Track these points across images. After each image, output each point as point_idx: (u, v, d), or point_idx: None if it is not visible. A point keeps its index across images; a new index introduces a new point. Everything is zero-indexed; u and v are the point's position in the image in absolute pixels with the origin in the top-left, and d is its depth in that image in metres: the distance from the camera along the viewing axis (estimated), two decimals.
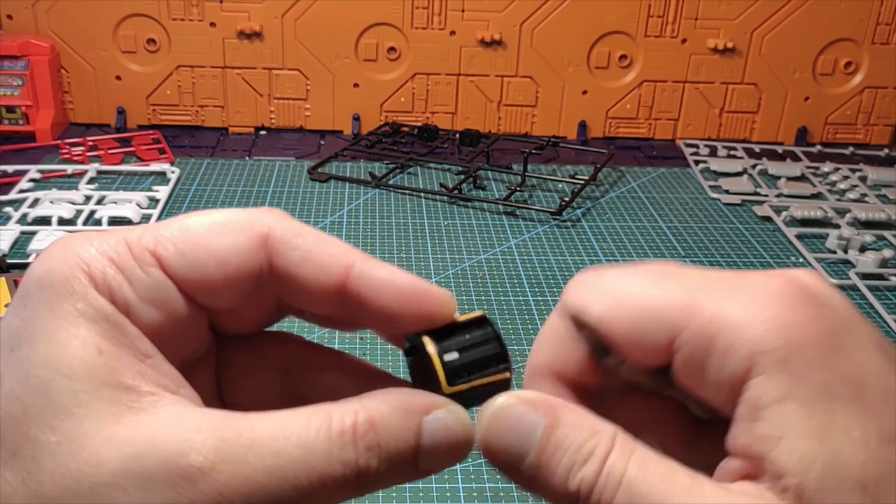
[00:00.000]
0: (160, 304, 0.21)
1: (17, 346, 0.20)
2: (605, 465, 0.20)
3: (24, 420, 0.19)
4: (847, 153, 1.10)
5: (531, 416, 0.21)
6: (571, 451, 0.20)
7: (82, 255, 0.21)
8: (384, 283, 0.22)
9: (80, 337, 0.20)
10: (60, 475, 0.18)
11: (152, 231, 0.22)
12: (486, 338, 0.23)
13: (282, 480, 0.19)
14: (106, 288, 0.20)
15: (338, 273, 0.22)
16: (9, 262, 0.71)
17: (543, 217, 0.86)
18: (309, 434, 0.20)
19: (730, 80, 1.09)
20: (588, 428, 0.21)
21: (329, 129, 1.09)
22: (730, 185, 0.95)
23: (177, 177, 0.91)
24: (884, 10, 1.06)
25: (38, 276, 0.20)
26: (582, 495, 0.20)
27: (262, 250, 0.22)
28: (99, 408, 0.19)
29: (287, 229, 0.22)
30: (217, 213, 0.22)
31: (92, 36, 1.02)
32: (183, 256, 0.21)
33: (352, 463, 0.20)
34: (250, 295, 0.23)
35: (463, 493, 0.50)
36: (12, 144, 0.98)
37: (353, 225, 0.83)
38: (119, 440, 0.19)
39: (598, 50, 1.07)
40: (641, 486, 0.19)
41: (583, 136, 1.10)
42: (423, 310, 0.22)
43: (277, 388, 0.26)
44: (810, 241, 0.84)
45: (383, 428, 0.20)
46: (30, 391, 0.19)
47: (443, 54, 1.06)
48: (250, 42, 1.04)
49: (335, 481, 0.19)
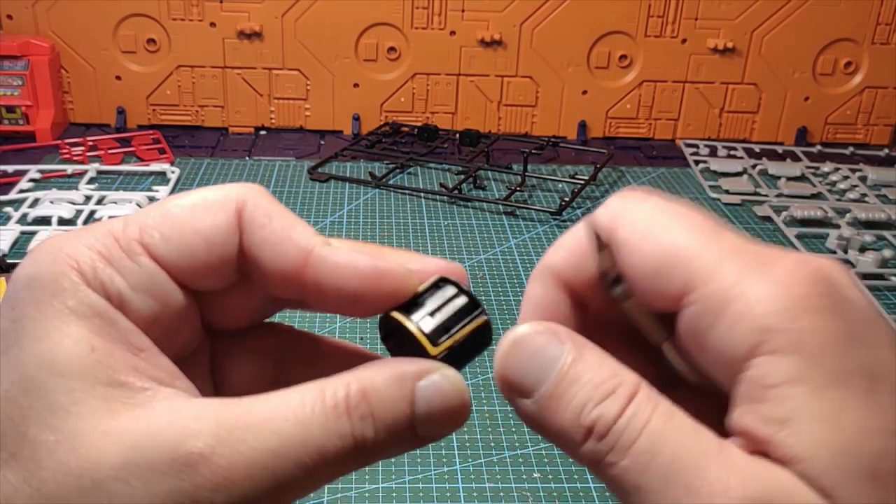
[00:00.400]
0: (153, 294, 0.21)
1: (8, 348, 0.20)
2: (628, 406, 0.19)
3: (21, 421, 0.19)
4: (847, 153, 1.10)
5: (554, 347, 0.20)
6: (590, 388, 0.20)
7: (70, 252, 0.20)
8: (345, 268, 0.22)
9: (71, 335, 0.19)
10: (62, 473, 0.18)
11: (135, 220, 0.22)
12: (452, 294, 0.23)
13: (283, 459, 0.19)
14: (98, 282, 0.20)
15: (296, 258, 0.22)
16: (9, 262, 0.71)
17: (543, 217, 0.86)
18: (304, 411, 0.20)
19: (730, 80, 1.09)
20: (610, 370, 0.20)
21: (329, 129, 1.09)
22: (730, 185, 0.95)
23: (177, 177, 0.91)
24: (884, 10, 1.06)
25: (25, 276, 0.20)
26: (596, 433, 0.19)
27: (236, 222, 0.22)
28: (94, 405, 0.19)
29: (257, 207, 0.22)
30: (195, 194, 0.22)
31: (92, 36, 1.02)
32: (170, 242, 0.21)
33: (348, 435, 0.20)
34: (235, 272, 0.23)
35: (463, 493, 0.50)
36: (12, 144, 0.98)
37: (353, 225, 0.83)
38: (117, 434, 0.19)
39: (598, 50, 1.07)
40: (670, 436, 0.18)
41: (583, 136, 1.10)
42: (384, 290, 0.22)
43: (271, 379, 0.26)
44: (810, 241, 0.84)
45: (375, 397, 0.20)
46: (25, 392, 0.19)
47: (443, 54, 1.06)
48: (250, 42, 1.04)
49: (335, 455, 0.20)
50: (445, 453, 0.53)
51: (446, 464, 0.52)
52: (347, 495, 0.49)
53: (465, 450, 0.53)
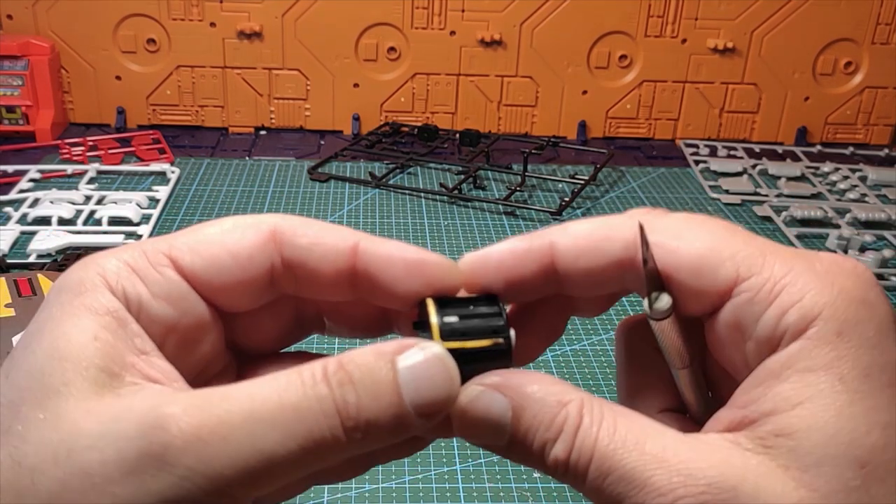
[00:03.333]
0: (173, 301, 0.22)
1: (29, 344, 0.20)
2: (574, 440, 0.20)
3: (19, 403, 0.20)
4: (847, 153, 1.10)
5: (498, 403, 0.21)
6: (542, 430, 0.21)
7: (100, 262, 0.22)
8: (392, 255, 0.23)
9: (79, 326, 0.20)
10: (43, 446, 0.19)
11: (167, 238, 0.23)
12: (490, 312, 0.23)
13: (259, 423, 0.19)
14: (119, 288, 0.21)
15: (346, 251, 0.23)
16: (9, 262, 0.71)
17: (543, 217, 0.86)
18: (280, 381, 0.20)
19: (730, 80, 1.09)
20: (555, 401, 0.21)
21: (329, 129, 1.09)
22: (730, 185, 0.95)
23: (177, 177, 0.91)
24: (884, 10, 1.06)
25: (58, 283, 0.22)
26: (559, 470, 0.21)
27: (272, 244, 0.23)
28: (83, 386, 0.19)
29: (292, 222, 0.23)
30: (226, 219, 0.24)
31: (92, 36, 1.02)
32: (197, 255, 0.22)
33: (327, 398, 0.19)
34: (265, 292, 0.23)
35: (463, 493, 0.50)
36: (12, 144, 0.98)
37: (353, 225, 0.83)
38: (98, 412, 0.19)
39: (598, 50, 1.07)
40: (612, 458, 0.20)
41: (583, 136, 1.10)
42: (429, 275, 0.23)
43: None
44: (810, 241, 0.84)
45: (353, 365, 0.20)
46: (27, 376, 0.20)
47: (443, 54, 1.06)
48: (250, 42, 1.04)
49: (315, 420, 0.19)
50: (445, 453, 0.53)
51: (446, 464, 0.52)
52: (347, 495, 0.49)
53: (465, 450, 0.53)
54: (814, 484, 0.19)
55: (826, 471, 0.19)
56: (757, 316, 0.21)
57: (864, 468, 0.19)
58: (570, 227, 0.24)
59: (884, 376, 0.20)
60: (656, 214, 0.23)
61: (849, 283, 0.20)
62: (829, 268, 0.21)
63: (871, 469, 0.19)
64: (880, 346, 0.20)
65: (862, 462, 0.19)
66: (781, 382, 0.20)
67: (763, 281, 0.21)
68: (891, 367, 0.20)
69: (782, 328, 0.20)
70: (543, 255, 0.23)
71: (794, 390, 0.20)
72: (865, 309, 0.20)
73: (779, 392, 0.20)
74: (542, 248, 0.24)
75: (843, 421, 0.19)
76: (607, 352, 0.63)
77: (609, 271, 0.23)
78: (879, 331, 0.20)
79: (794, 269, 0.21)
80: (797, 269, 0.21)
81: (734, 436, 0.20)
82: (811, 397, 0.19)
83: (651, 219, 0.23)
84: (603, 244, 0.23)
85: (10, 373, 0.20)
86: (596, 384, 0.60)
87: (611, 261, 0.23)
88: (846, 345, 0.20)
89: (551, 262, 0.23)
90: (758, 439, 0.20)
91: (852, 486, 0.19)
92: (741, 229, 0.22)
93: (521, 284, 0.24)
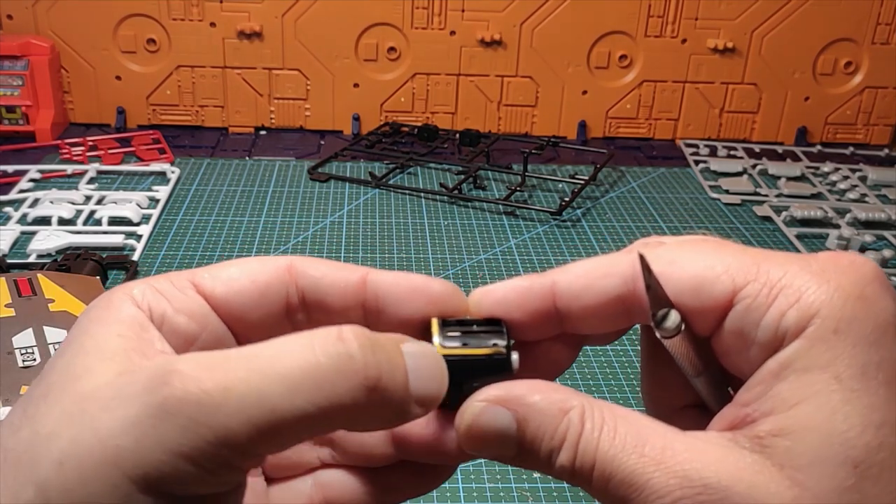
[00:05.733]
0: (195, 317, 0.23)
1: (60, 352, 0.22)
2: (578, 447, 0.21)
3: (47, 393, 0.20)
4: (847, 153, 1.10)
5: (502, 417, 0.22)
6: (547, 440, 0.21)
7: (127, 286, 0.23)
8: (398, 280, 0.24)
9: (104, 328, 0.22)
10: (61, 414, 0.20)
11: (191, 270, 0.24)
12: (494, 329, 0.23)
13: (261, 375, 0.19)
14: (145, 304, 0.23)
15: (355, 281, 0.24)
16: (9, 262, 0.71)
17: (543, 217, 0.86)
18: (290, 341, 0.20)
19: (730, 80, 1.09)
20: (557, 409, 0.21)
21: (329, 129, 1.09)
22: (730, 185, 0.95)
23: (177, 177, 0.91)
24: (884, 10, 1.06)
25: (86, 308, 0.23)
26: (567, 476, 0.21)
27: (288, 274, 0.24)
28: (104, 368, 0.20)
29: (307, 259, 0.25)
30: (246, 258, 0.25)
31: (92, 36, 1.02)
32: (219, 280, 0.24)
33: (344, 354, 0.20)
34: (281, 323, 0.24)
35: (463, 493, 0.50)
36: (12, 144, 0.98)
37: (353, 225, 0.83)
38: (115, 383, 0.20)
39: (598, 50, 1.07)
40: (613, 462, 0.20)
41: (583, 136, 1.10)
42: (434, 297, 0.24)
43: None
44: (810, 241, 0.84)
45: (368, 332, 0.21)
46: (54, 372, 0.21)
47: (443, 54, 1.06)
48: (250, 42, 1.04)
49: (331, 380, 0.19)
50: None
51: None
52: None
53: None
54: (807, 483, 0.19)
55: (820, 470, 0.19)
56: (757, 321, 0.21)
57: (857, 468, 0.19)
58: (571, 267, 0.24)
59: (881, 374, 0.20)
60: (651, 245, 0.23)
61: (846, 280, 0.20)
62: (825, 266, 0.21)
63: (865, 469, 0.19)
64: (878, 343, 0.20)
65: (856, 462, 0.19)
66: (780, 382, 0.20)
67: (760, 286, 0.21)
68: (888, 364, 0.20)
69: (783, 329, 0.20)
70: (545, 294, 0.24)
71: (791, 390, 0.20)
72: (862, 305, 0.20)
73: (777, 392, 0.20)
74: (543, 287, 0.24)
75: (838, 421, 0.19)
76: (607, 351, 0.63)
77: (610, 307, 0.23)
78: (877, 327, 0.20)
79: (789, 271, 0.21)
80: (793, 271, 0.21)
81: (733, 434, 0.21)
82: (808, 397, 0.20)
83: (646, 250, 0.23)
84: (601, 281, 0.23)
85: (42, 376, 0.21)
86: (596, 385, 0.60)
87: (610, 297, 0.23)
88: (843, 343, 0.20)
89: (553, 301, 0.24)
90: (756, 438, 0.20)
91: (846, 486, 0.19)
92: (732, 244, 0.23)
93: (523, 322, 0.24)
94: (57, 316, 0.54)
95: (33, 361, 0.49)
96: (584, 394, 0.22)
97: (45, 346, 0.50)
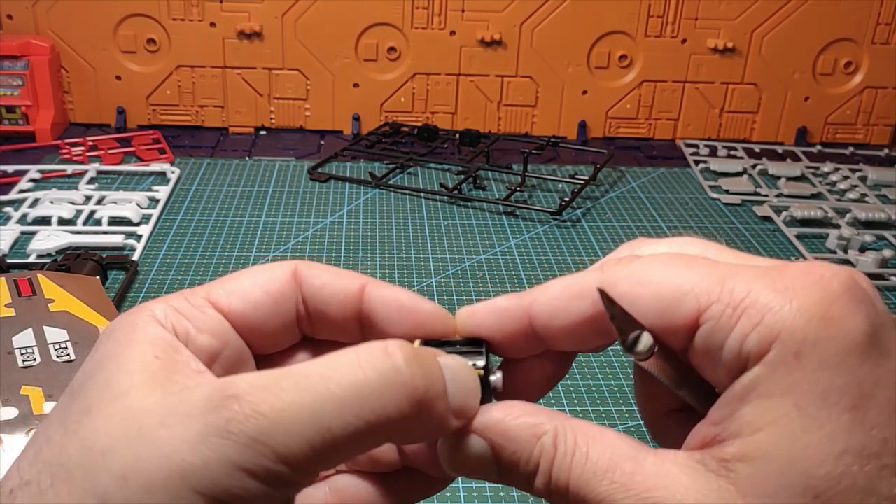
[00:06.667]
0: (216, 335, 0.24)
1: (98, 369, 0.22)
2: (551, 473, 0.21)
3: (88, 408, 0.21)
4: (847, 153, 1.10)
5: (477, 446, 0.22)
6: (522, 465, 0.22)
7: (147, 307, 0.24)
8: (387, 297, 0.25)
9: (139, 350, 0.22)
10: (114, 430, 0.20)
11: (205, 286, 0.25)
12: (474, 350, 0.24)
13: (310, 394, 0.20)
14: (169, 323, 0.23)
15: (354, 292, 0.25)
16: (9, 262, 0.71)
17: (543, 217, 0.86)
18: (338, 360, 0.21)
19: (730, 80, 1.09)
20: (531, 434, 0.22)
21: (329, 129, 1.09)
22: (730, 185, 0.95)
23: (177, 177, 0.91)
24: (884, 10, 1.07)
25: (109, 328, 0.23)
26: (545, 497, 0.22)
27: (294, 281, 0.25)
28: (148, 386, 0.21)
29: (309, 265, 0.26)
30: (254, 267, 0.26)
31: (92, 36, 1.02)
32: (234, 296, 0.25)
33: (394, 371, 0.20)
34: (292, 332, 0.25)
35: (463, 493, 0.50)
36: (12, 144, 0.98)
37: (353, 225, 0.83)
38: (165, 402, 0.20)
39: (598, 50, 1.07)
40: (585, 488, 0.21)
41: (583, 136, 1.10)
42: (421, 319, 0.25)
43: None
44: (810, 241, 0.84)
45: (409, 346, 0.21)
46: (94, 388, 0.21)
47: (443, 54, 1.06)
48: (250, 42, 1.04)
49: (388, 396, 0.20)
50: None
51: None
52: None
53: None
54: None
55: (781, 501, 0.19)
56: (721, 343, 0.21)
57: (818, 498, 0.19)
58: (549, 286, 0.24)
59: (843, 399, 0.19)
60: (622, 262, 0.23)
61: (811, 298, 0.20)
62: (792, 282, 0.20)
63: (826, 499, 0.19)
64: (841, 367, 0.19)
65: (816, 492, 0.19)
66: (745, 405, 0.20)
67: (723, 307, 0.20)
68: (851, 389, 0.19)
69: (745, 353, 0.20)
70: (522, 316, 0.24)
71: (754, 415, 0.20)
72: (825, 326, 0.19)
73: (742, 415, 0.20)
74: (520, 308, 0.24)
75: (798, 450, 0.19)
76: (607, 352, 0.63)
77: (585, 328, 0.23)
78: (839, 350, 0.19)
79: (753, 289, 0.20)
80: (756, 290, 0.20)
81: (702, 455, 0.20)
82: (769, 424, 0.19)
83: (617, 269, 0.23)
84: (573, 303, 0.23)
85: (74, 392, 0.21)
86: (596, 385, 0.60)
87: (585, 318, 0.23)
88: (804, 368, 0.19)
89: (530, 322, 0.24)
90: (723, 462, 0.20)
91: None
92: (703, 259, 0.22)
93: (505, 341, 0.25)
94: (57, 316, 0.54)
95: (33, 361, 0.49)
96: (560, 414, 0.22)
97: (45, 346, 0.50)
